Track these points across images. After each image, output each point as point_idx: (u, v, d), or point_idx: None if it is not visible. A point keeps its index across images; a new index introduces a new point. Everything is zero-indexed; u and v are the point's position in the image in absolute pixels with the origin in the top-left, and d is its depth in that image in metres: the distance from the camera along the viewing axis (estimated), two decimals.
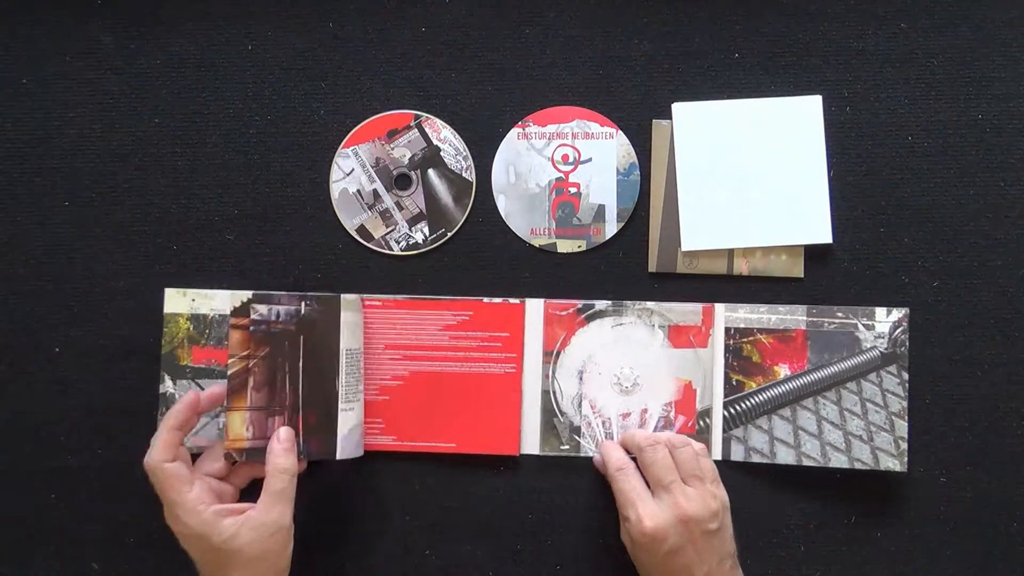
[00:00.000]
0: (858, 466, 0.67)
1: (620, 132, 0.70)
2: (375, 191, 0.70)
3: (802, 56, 0.70)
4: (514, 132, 0.70)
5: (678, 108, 0.70)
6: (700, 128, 0.69)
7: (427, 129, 0.70)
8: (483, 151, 0.70)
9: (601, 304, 0.69)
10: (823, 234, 0.69)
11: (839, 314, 0.68)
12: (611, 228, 0.70)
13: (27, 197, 0.70)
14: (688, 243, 0.69)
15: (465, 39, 0.71)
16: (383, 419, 0.68)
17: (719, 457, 0.68)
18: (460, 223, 0.70)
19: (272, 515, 0.58)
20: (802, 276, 0.69)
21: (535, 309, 0.69)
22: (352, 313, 0.66)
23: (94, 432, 0.69)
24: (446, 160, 0.70)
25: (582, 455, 0.68)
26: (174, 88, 0.71)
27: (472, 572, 0.68)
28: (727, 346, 0.68)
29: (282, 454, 0.61)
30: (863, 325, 0.67)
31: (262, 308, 0.63)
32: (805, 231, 0.69)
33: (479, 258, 0.70)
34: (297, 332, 0.64)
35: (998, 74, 0.70)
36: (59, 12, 0.71)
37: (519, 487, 0.69)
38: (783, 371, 0.68)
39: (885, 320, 0.68)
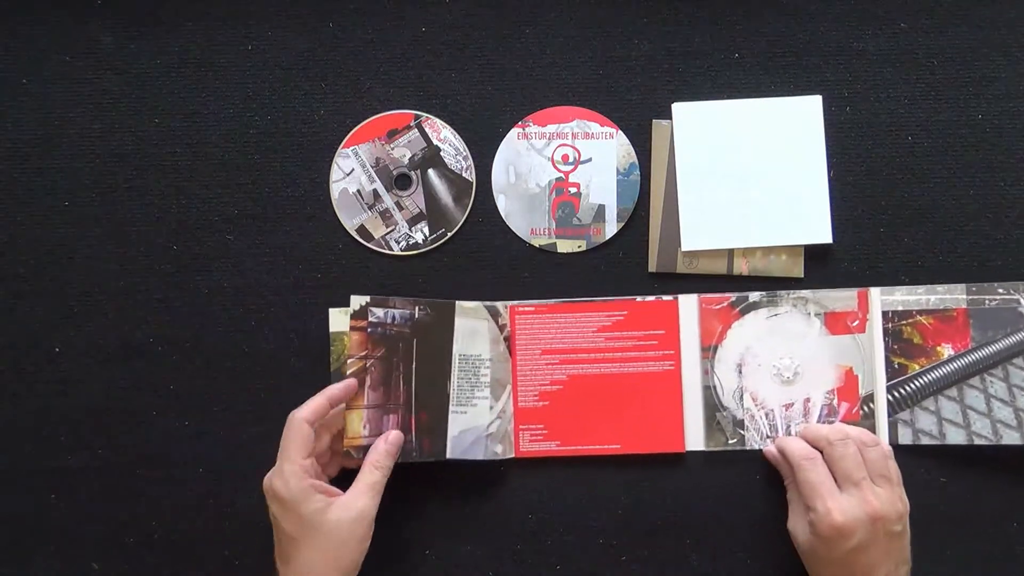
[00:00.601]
0: None
1: (620, 132, 0.70)
2: (375, 191, 0.70)
3: (802, 56, 0.70)
4: (514, 132, 0.70)
5: (678, 108, 0.70)
6: (700, 128, 0.69)
7: (427, 129, 0.70)
8: (483, 151, 0.70)
9: (755, 296, 0.69)
10: (823, 234, 0.69)
11: (1000, 290, 0.67)
12: (611, 228, 0.70)
13: (27, 197, 0.70)
14: (688, 243, 0.69)
15: (465, 39, 0.71)
16: (545, 424, 0.68)
17: (886, 441, 0.67)
18: (460, 223, 0.70)
19: (359, 503, 0.60)
20: (802, 276, 0.69)
21: (689, 305, 0.69)
22: (472, 320, 0.67)
23: (94, 432, 0.69)
24: (446, 160, 0.70)
25: (747, 448, 0.68)
26: (174, 88, 0.71)
27: (472, 572, 0.68)
28: (886, 329, 0.68)
29: (384, 454, 0.63)
30: None
31: (379, 311, 0.66)
32: (805, 231, 0.69)
33: (479, 258, 0.70)
34: (411, 335, 0.66)
35: (998, 74, 0.70)
36: (59, 12, 0.71)
37: (517, 486, 0.69)
38: (947, 351, 0.67)
39: None
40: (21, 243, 0.70)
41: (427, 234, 0.70)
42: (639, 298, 0.69)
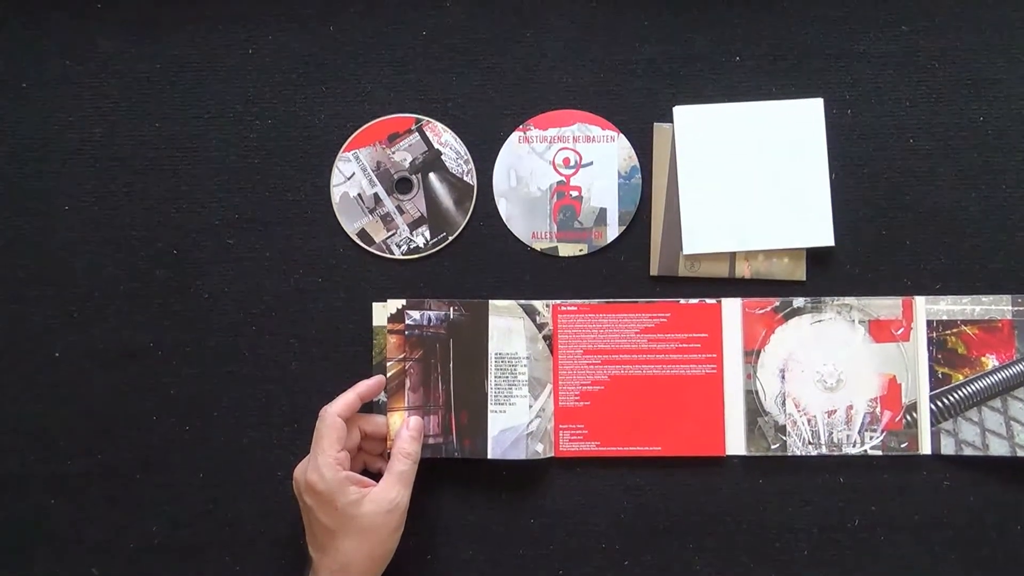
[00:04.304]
0: None
1: (621, 135, 0.70)
2: (376, 195, 0.70)
3: (803, 59, 0.70)
4: (515, 136, 0.70)
5: (679, 111, 0.70)
6: (701, 131, 0.69)
7: (428, 133, 0.70)
8: (484, 155, 0.70)
9: (798, 301, 0.68)
10: (825, 237, 0.68)
11: None
12: (612, 231, 0.70)
13: (27, 201, 0.70)
14: (690, 246, 0.69)
15: (466, 43, 0.70)
16: (586, 425, 0.68)
17: (928, 451, 0.67)
18: (461, 227, 0.70)
19: (391, 493, 0.62)
20: (804, 279, 0.69)
21: (732, 308, 0.69)
22: (507, 319, 0.67)
23: (94, 437, 0.69)
24: (447, 164, 0.70)
25: (789, 454, 0.68)
26: (174, 92, 0.70)
27: None
28: (930, 339, 0.68)
29: (408, 440, 0.64)
30: None
31: (415, 313, 0.67)
32: (807, 234, 0.69)
33: (480, 262, 0.70)
34: (447, 335, 0.67)
35: (1000, 76, 0.70)
36: (59, 16, 0.71)
37: (517, 491, 0.69)
38: (991, 362, 0.67)
39: None
40: (21, 247, 0.70)
41: (428, 238, 0.70)
42: (682, 300, 0.69)
